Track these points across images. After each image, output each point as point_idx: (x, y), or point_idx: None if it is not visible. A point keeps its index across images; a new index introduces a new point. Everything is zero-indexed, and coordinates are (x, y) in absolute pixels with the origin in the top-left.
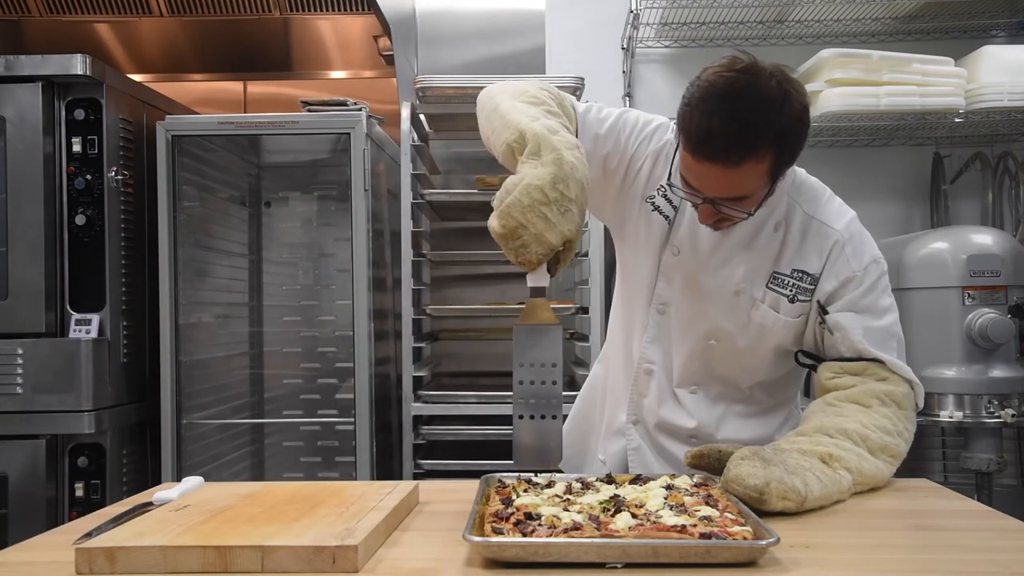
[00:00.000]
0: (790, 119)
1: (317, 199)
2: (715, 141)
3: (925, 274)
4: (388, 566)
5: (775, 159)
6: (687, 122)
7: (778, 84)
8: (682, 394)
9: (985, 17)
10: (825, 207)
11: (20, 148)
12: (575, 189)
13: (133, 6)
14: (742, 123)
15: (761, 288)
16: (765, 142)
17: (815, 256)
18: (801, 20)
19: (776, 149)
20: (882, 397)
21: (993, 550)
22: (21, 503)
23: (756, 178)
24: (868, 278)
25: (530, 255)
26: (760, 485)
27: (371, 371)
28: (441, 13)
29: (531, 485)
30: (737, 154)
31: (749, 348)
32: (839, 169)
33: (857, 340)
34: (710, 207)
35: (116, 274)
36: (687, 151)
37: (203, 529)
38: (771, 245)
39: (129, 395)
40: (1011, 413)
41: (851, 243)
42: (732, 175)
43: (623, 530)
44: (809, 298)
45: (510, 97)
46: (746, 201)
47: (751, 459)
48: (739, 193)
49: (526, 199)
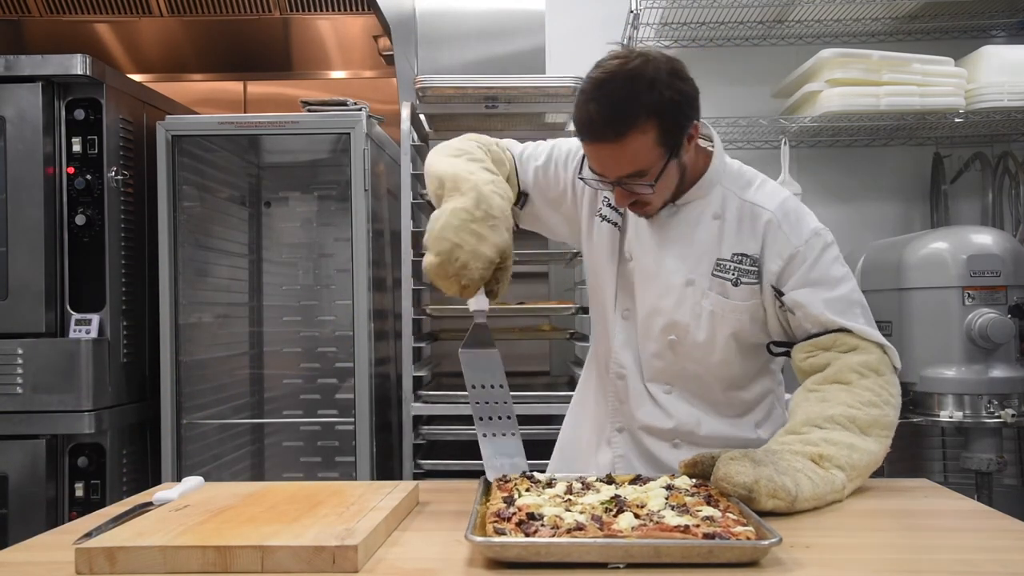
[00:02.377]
0: (664, 93)
1: (317, 199)
2: (595, 123)
3: (925, 274)
4: (388, 566)
5: (660, 131)
6: (575, 116)
7: (647, 63)
8: (658, 394)
9: (985, 17)
10: (758, 191)
11: (20, 148)
12: (498, 208)
13: (133, 6)
14: (615, 102)
15: (707, 277)
16: (642, 116)
17: (751, 238)
18: (801, 20)
19: (658, 121)
20: (860, 370)
21: (993, 550)
22: (21, 503)
23: (646, 151)
24: (811, 252)
25: (471, 272)
26: (749, 483)
27: (371, 371)
28: (441, 13)
29: (532, 484)
30: (615, 130)
31: (708, 341)
32: (839, 169)
33: (819, 313)
34: (621, 189)
35: (116, 274)
36: (582, 141)
37: (203, 529)
38: (711, 234)
39: (129, 395)
40: (1011, 413)
41: (786, 221)
42: (621, 151)
43: (626, 530)
44: (754, 280)
45: (437, 154)
46: (646, 175)
47: (740, 460)
48: (635, 167)
49: (455, 220)
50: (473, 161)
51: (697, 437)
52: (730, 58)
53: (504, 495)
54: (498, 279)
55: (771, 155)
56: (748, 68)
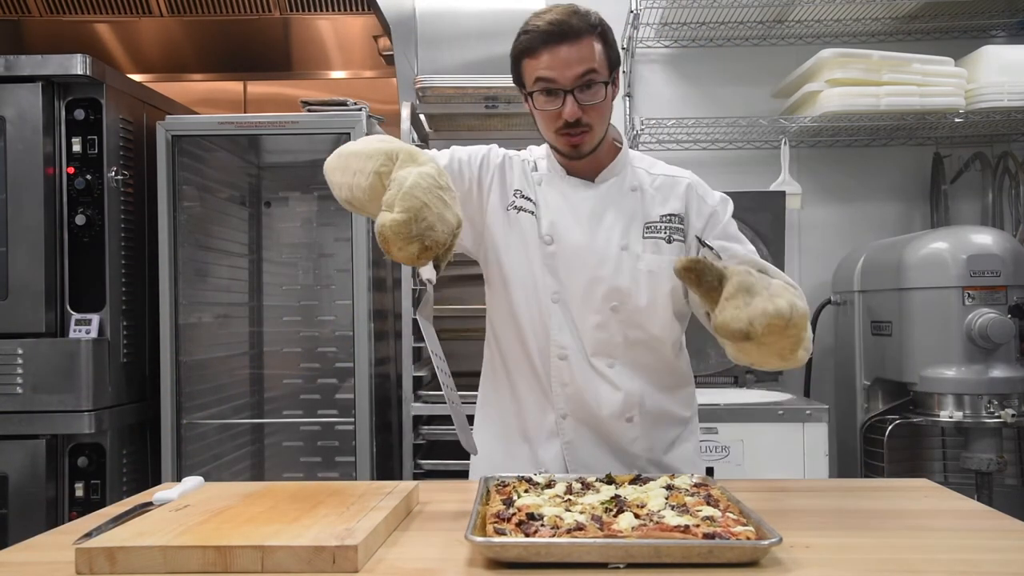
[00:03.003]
0: (602, 20)
1: (317, 199)
2: (552, 28)
3: (925, 274)
4: (388, 566)
5: (604, 47)
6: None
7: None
8: (603, 368)
9: (985, 17)
10: (664, 167)
11: (20, 148)
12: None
13: (133, 6)
14: (564, 13)
15: (639, 241)
16: (591, 28)
17: (675, 200)
18: (801, 20)
19: (602, 40)
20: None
21: (993, 550)
22: (21, 503)
23: (598, 55)
24: (724, 213)
25: (436, 235)
26: (744, 329)
27: (371, 371)
28: (441, 13)
29: (531, 485)
30: (573, 29)
31: (649, 304)
32: (839, 169)
33: (745, 255)
34: (572, 101)
35: (116, 274)
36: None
37: (203, 529)
38: (634, 203)
39: (129, 395)
40: (1011, 413)
41: (700, 186)
42: (578, 49)
43: (626, 530)
44: (682, 238)
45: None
46: (596, 78)
47: (735, 297)
48: (590, 64)
49: (424, 182)
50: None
51: (646, 410)
52: (730, 58)
53: (503, 498)
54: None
55: (771, 155)
56: (748, 68)
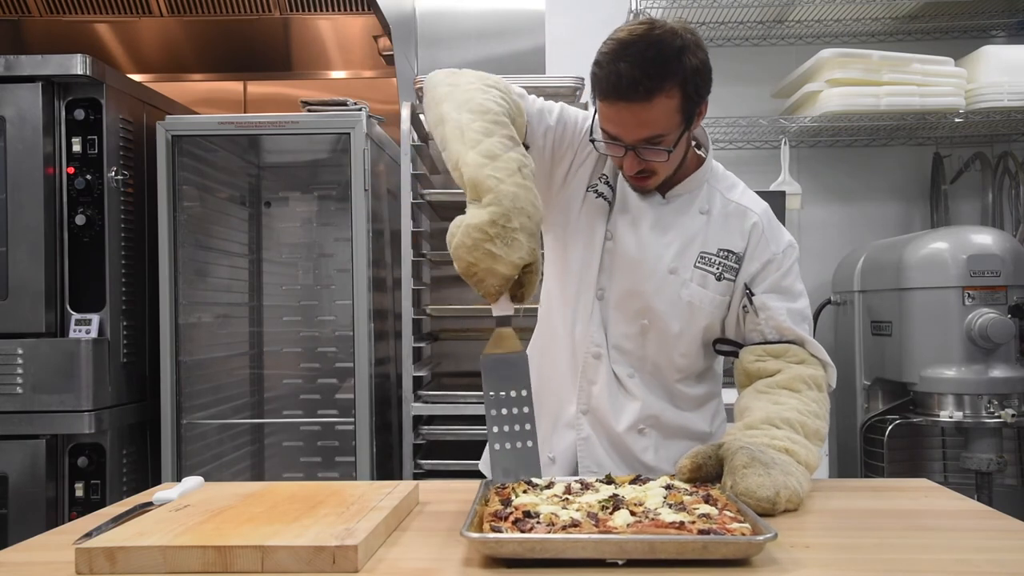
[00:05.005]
0: (691, 62)
1: (317, 199)
2: (624, 80)
3: (925, 274)
4: (388, 566)
5: (683, 98)
6: (600, 74)
7: (674, 31)
8: (623, 376)
9: (985, 17)
10: (743, 194)
11: (20, 148)
12: (518, 218)
13: (133, 6)
14: (647, 62)
15: (689, 268)
16: (670, 79)
17: (738, 236)
18: (801, 20)
19: (682, 88)
20: (808, 381)
21: (993, 550)
22: (21, 503)
23: (668, 115)
24: (786, 261)
25: (488, 287)
26: (772, 496)
27: (371, 371)
28: (441, 13)
29: (530, 486)
30: (645, 88)
31: (680, 332)
32: (839, 169)
33: (782, 320)
34: (633, 155)
35: (116, 274)
36: (603, 101)
37: (203, 529)
38: (697, 227)
39: (129, 395)
40: (1011, 413)
41: (770, 227)
42: (645, 112)
43: (621, 527)
44: (734, 277)
45: (455, 108)
46: (662, 141)
47: (753, 466)
48: (655, 131)
49: (468, 240)
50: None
51: (661, 424)
52: (730, 58)
53: (502, 499)
54: (522, 283)
55: (771, 155)
56: (748, 68)
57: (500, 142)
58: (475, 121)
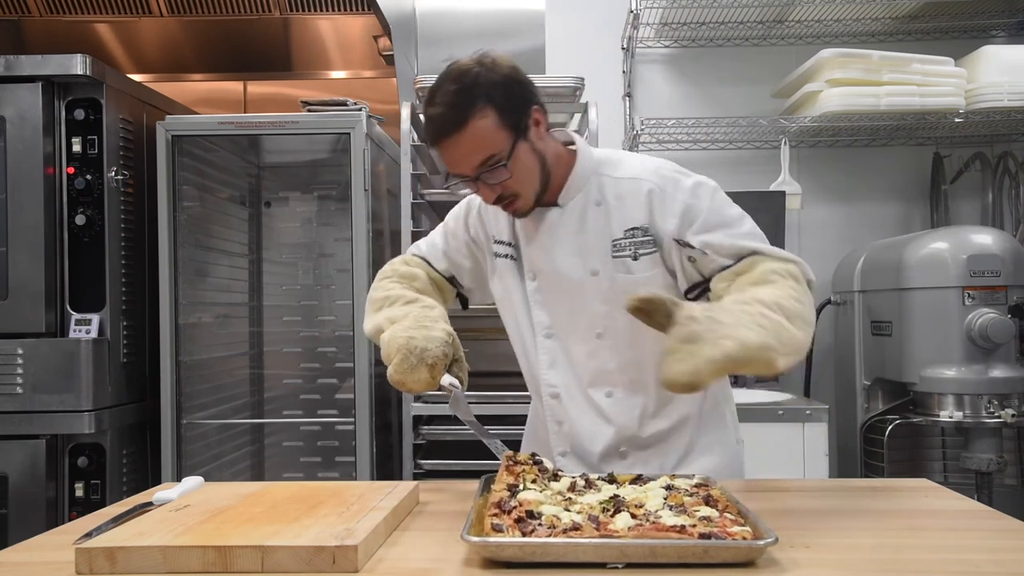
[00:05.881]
0: (491, 78)
1: (317, 199)
2: (437, 121)
3: (925, 274)
4: (388, 566)
5: (498, 112)
6: (423, 126)
7: (470, 63)
8: (600, 399)
9: (985, 17)
10: (628, 166)
11: (20, 148)
12: (422, 343)
13: (133, 6)
14: (449, 96)
15: (608, 262)
16: (475, 102)
17: (637, 210)
18: (801, 20)
19: (492, 105)
20: (781, 272)
21: (993, 550)
22: (21, 503)
23: (489, 135)
24: (703, 200)
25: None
26: (688, 381)
27: (371, 371)
28: (441, 13)
29: (540, 472)
30: (455, 119)
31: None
32: (839, 169)
33: (730, 244)
34: (484, 185)
35: (116, 274)
36: (433, 147)
37: (203, 529)
38: (599, 221)
39: (129, 395)
40: (1011, 413)
41: (666, 182)
42: (466, 140)
43: (622, 530)
44: (652, 249)
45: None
46: (498, 159)
47: (676, 351)
48: (485, 153)
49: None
50: (388, 310)
51: (641, 440)
52: (730, 58)
53: (511, 481)
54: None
55: (771, 155)
56: (748, 68)
57: (394, 312)
58: (379, 311)
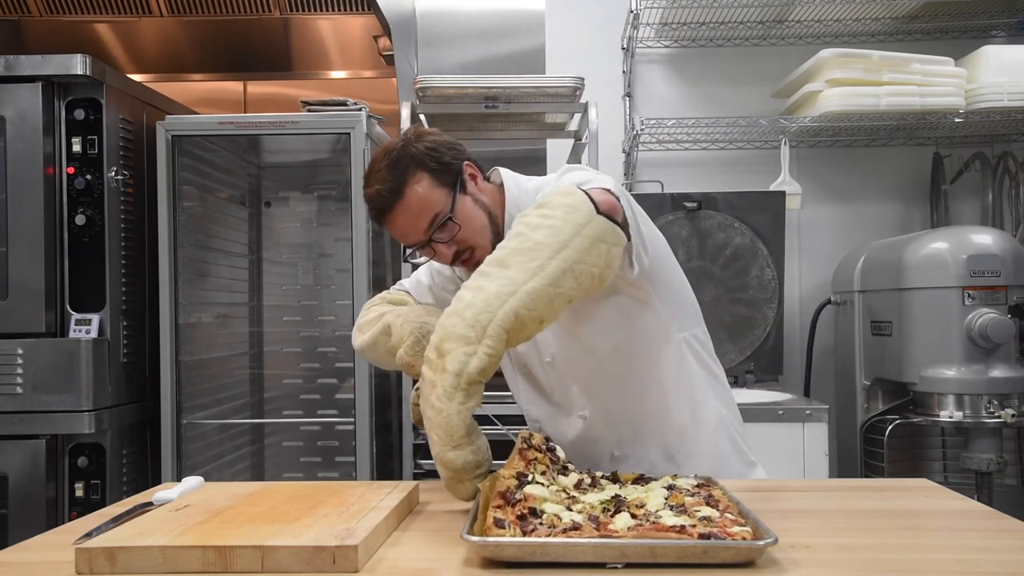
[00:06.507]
0: (418, 147)
1: (317, 199)
2: (377, 198)
3: (925, 274)
4: (388, 566)
5: (430, 173)
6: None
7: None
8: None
9: (985, 17)
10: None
11: (20, 148)
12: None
13: (133, 6)
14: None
15: None
16: (406, 170)
17: None
18: (801, 20)
19: (423, 168)
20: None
21: (993, 550)
22: (21, 503)
23: (428, 196)
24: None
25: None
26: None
27: (371, 371)
28: (441, 13)
29: (551, 462)
30: (391, 190)
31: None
32: (839, 169)
33: None
34: (439, 246)
35: (116, 274)
36: (382, 224)
37: (203, 529)
38: None
39: (129, 395)
40: (1011, 413)
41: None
42: (408, 207)
43: (622, 530)
44: None
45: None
46: (441, 217)
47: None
48: (429, 214)
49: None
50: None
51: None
52: (730, 58)
53: (521, 468)
54: None
55: (771, 155)
56: (748, 68)
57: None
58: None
